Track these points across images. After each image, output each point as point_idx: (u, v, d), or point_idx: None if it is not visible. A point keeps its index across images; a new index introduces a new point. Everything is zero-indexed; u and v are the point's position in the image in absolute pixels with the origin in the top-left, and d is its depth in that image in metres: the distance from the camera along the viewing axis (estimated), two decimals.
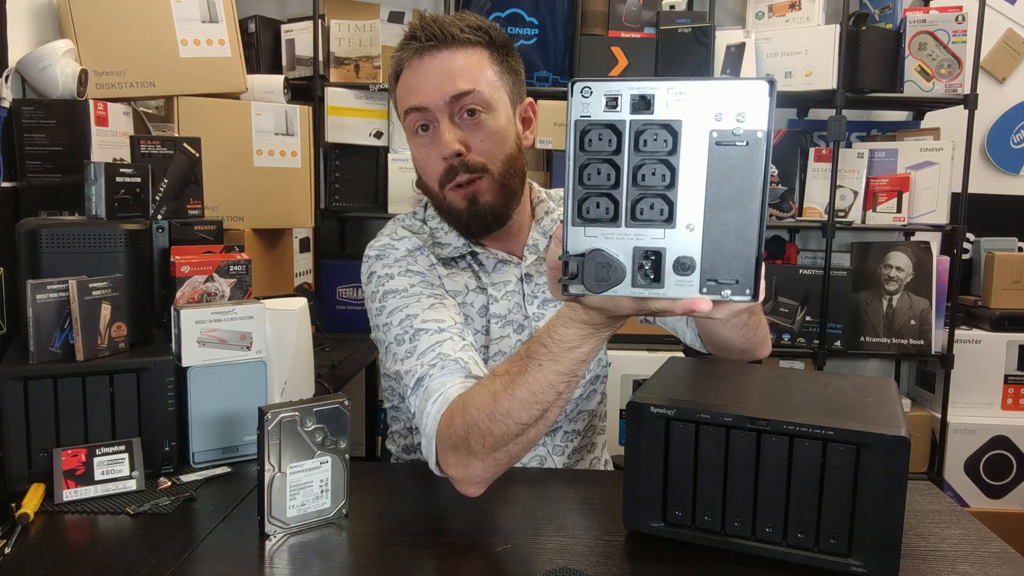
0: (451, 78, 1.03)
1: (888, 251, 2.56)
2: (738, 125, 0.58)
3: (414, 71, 1.05)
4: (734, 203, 0.59)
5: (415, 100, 1.05)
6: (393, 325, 1.05)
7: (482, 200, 1.07)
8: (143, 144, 1.30)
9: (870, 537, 0.76)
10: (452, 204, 1.09)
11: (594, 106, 0.60)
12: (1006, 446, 2.54)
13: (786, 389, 0.91)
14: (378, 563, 0.82)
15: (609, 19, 2.47)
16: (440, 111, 1.04)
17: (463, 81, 1.03)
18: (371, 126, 2.52)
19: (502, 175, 1.07)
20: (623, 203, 0.61)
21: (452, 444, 0.90)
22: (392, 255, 1.12)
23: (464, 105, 1.04)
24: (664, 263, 0.61)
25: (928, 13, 2.47)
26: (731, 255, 0.60)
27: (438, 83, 1.03)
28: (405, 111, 1.08)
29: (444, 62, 1.03)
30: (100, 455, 0.98)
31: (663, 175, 0.60)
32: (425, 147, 1.08)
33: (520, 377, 0.83)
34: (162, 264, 1.23)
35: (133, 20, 1.73)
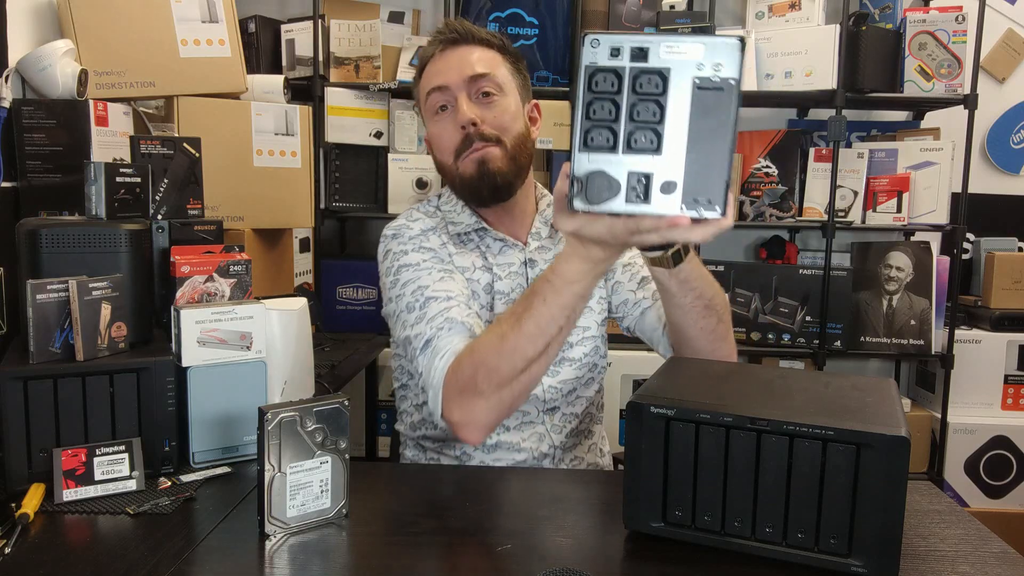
0: (470, 64, 1.18)
1: (888, 251, 2.56)
2: (715, 73, 0.71)
3: (437, 60, 1.20)
4: (710, 137, 0.71)
5: (437, 81, 1.19)
6: (405, 295, 1.14)
7: (492, 165, 1.16)
8: (143, 144, 1.30)
9: (870, 537, 0.76)
10: (464, 172, 1.18)
11: (600, 55, 0.72)
12: (1006, 446, 2.54)
13: (786, 389, 0.91)
14: (378, 563, 0.82)
15: (609, 19, 2.47)
16: (459, 89, 1.17)
17: (480, 66, 1.18)
18: (371, 126, 2.52)
19: (512, 148, 1.19)
20: (620, 134, 0.72)
21: (459, 388, 1.00)
22: (407, 234, 1.21)
23: (480, 87, 1.17)
24: (652, 184, 0.73)
25: (928, 13, 2.47)
26: (706, 180, 0.72)
27: (458, 67, 1.18)
28: (428, 92, 1.21)
29: (464, 53, 1.19)
30: (100, 455, 0.98)
31: (654, 112, 0.72)
32: (443, 123, 1.20)
33: (526, 313, 0.94)
34: (162, 264, 1.23)
35: (133, 20, 1.73)
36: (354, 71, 2.48)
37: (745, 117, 2.82)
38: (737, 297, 2.54)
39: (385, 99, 2.53)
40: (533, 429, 1.24)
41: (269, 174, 1.92)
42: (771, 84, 2.50)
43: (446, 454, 1.25)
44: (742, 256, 2.89)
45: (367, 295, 2.55)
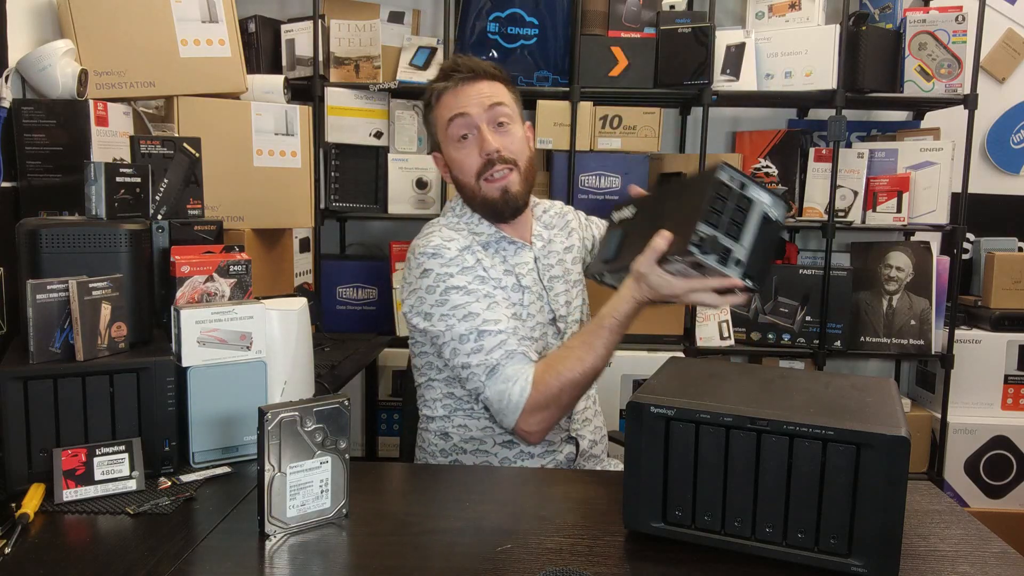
0: (487, 95, 1.34)
1: (888, 251, 2.56)
2: (775, 214, 1.15)
3: (456, 93, 1.34)
4: (764, 245, 1.14)
5: (460, 109, 1.33)
6: (456, 324, 1.27)
7: (512, 190, 1.35)
8: (143, 144, 1.30)
9: (870, 537, 0.76)
10: (487, 194, 1.35)
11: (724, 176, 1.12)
12: (1006, 446, 2.54)
13: (786, 389, 0.91)
14: (378, 563, 0.82)
15: (609, 19, 2.47)
16: (480, 118, 1.33)
17: (496, 97, 1.35)
18: (371, 126, 2.52)
19: (526, 171, 1.38)
20: (722, 223, 1.11)
21: (544, 403, 1.23)
22: (446, 255, 1.30)
23: (496, 115, 1.34)
24: (730, 256, 1.11)
25: (928, 13, 2.47)
26: (757, 267, 1.13)
27: (477, 98, 1.34)
28: (449, 119, 1.34)
29: (479, 87, 1.35)
30: (100, 455, 0.98)
31: (741, 218, 1.12)
32: (466, 149, 1.35)
33: (598, 341, 1.23)
34: (162, 264, 1.23)
35: (133, 20, 1.73)
36: (354, 71, 2.48)
37: (745, 117, 2.82)
38: None
39: (385, 99, 2.53)
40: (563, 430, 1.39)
41: (269, 174, 1.92)
42: (771, 84, 2.50)
43: (466, 450, 1.35)
44: None
45: (367, 295, 2.55)
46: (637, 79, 2.45)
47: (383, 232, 2.85)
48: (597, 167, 2.48)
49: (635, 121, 2.47)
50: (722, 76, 2.48)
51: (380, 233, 2.85)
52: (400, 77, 2.49)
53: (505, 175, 1.34)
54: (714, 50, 2.41)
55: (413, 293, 1.32)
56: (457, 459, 1.35)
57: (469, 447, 1.34)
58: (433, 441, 1.38)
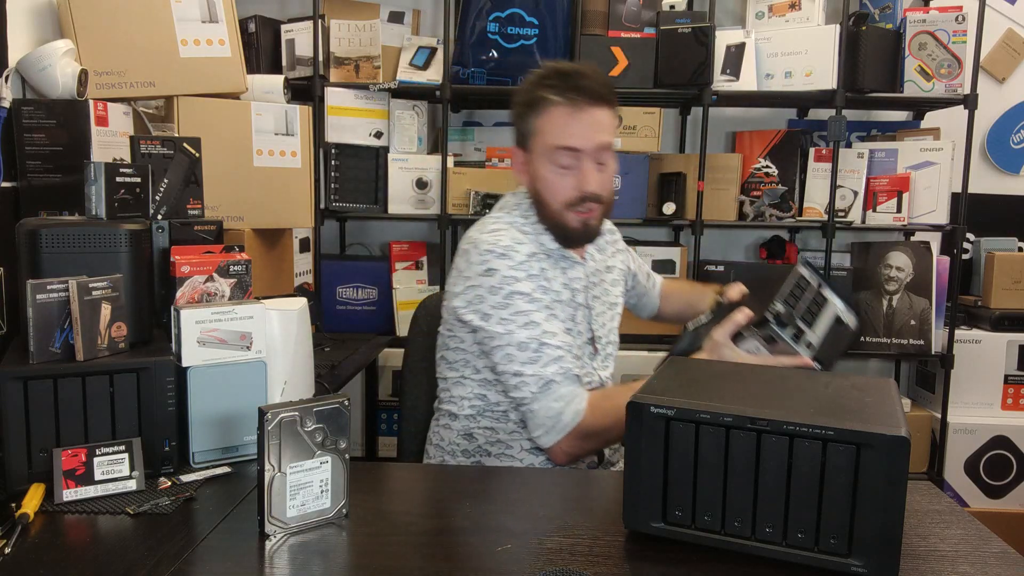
0: (601, 131, 1.30)
1: (888, 251, 2.56)
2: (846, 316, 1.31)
3: (572, 118, 1.29)
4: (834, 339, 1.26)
5: (573, 143, 1.29)
6: (517, 329, 1.25)
7: (593, 224, 1.35)
8: (143, 144, 1.30)
9: (870, 537, 0.76)
10: (568, 222, 1.33)
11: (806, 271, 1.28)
12: (1006, 446, 2.54)
13: (786, 389, 0.91)
14: (378, 563, 0.82)
15: (609, 19, 2.47)
16: (588, 157, 1.30)
17: (607, 135, 1.31)
18: (371, 126, 2.52)
19: (607, 205, 1.37)
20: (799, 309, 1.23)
21: (592, 433, 1.23)
22: (515, 257, 1.29)
23: (602, 156, 1.32)
24: (802, 338, 1.22)
25: (928, 13, 2.47)
26: (825, 353, 1.24)
27: (592, 134, 1.29)
28: (557, 146, 1.30)
29: (597, 116, 1.30)
30: (100, 455, 0.98)
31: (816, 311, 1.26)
32: (563, 177, 1.31)
33: None
34: (162, 264, 1.23)
35: (133, 20, 1.73)
36: (354, 71, 2.48)
37: (745, 117, 2.82)
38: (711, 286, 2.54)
39: (385, 99, 2.53)
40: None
41: (269, 174, 1.92)
42: (771, 84, 2.50)
43: (491, 452, 1.35)
44: (742, 256, 2.89)
45: (367, 295, 2.55)
46: (637, 79, 2.45)
47: (383, 232, 2.85)
48: None
49: (635, 121, 2.47)
50: (722, 76, 2.48)
51: (380, 233, 2.85)
52: (400, 77, 2.49)
53: (591, 210, 1.33)
54: (714, 50, 2.41)
55: (472, 289, 1.28)
56: (480, 460, 1.33)
57: (495, 450, 1.33)
58: (455, 440, 1.36)
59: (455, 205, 2.52)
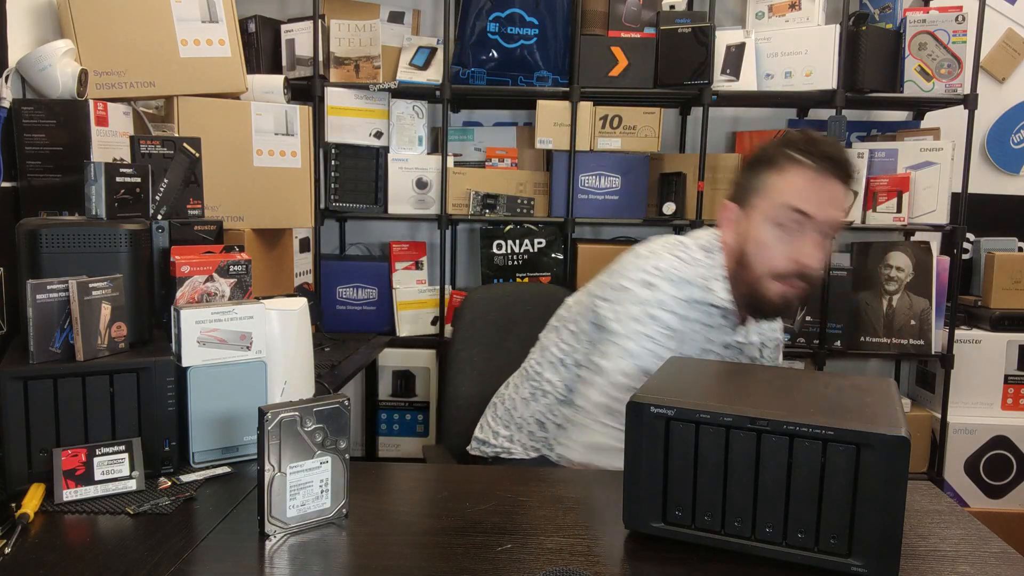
0: (840, 207, 1.23)
1: (888, 251, 2.56)
2: None
3: (818, 185, 1.22)
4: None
5: (809, 208, 1.21)
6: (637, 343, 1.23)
7: (792, 301, 1.26)
8: (143, 144, 1.30)
9: (870, 537, 0.76)
10: (767, 291, 1.25)
11: None
12: (1006, 446, 2.54)
13: (786, 389, 0.91)
14: (378, 563, 0.82)
15: (609, 19, 2.47)
16: (821, 229, 1.22)
17: (843, 214, 1.24)
18: (371, 126, 2.52)
19: (813, 288, 1.29)
20: None
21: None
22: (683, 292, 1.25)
23: (832, 232, 1.24)
24: None
25: (928, 13, 2.47)
26: None
27: (832, 209, 1.22)
28: (790, 207, 1.22)
29: (840, 194, 1.23)
30: (100, 455, 0.98)
31: None
32: (785, 244, 1.23)
33: None
34: (162, 264, 1.23)
35: (133, 20, 1.73)
36: (354, 71, 2.48)
37: (745, 117, 2.82)
38: None
39: (385, 99, 2.53)
40: None
41: (269, 174, 1.92)
42: (771, 84, 2.50)
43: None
44: None
45: (367, 295, 2.55)
46: (637, 79, 2.45)
47: (383, 232, 2.85)
48: (597, 167, 2.48)
49: (635, 121, 2.47)
50: (722, 76, 2.48)
51: (380, 233, 2.85)
52: (400, 77, 2.49)
53: (796, 286, 1.24)
54: (714, 50, 2.41)
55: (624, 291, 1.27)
56: (543, 453, 1.35)
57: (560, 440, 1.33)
58: (526, 419, 1.38)
59: (455, 205, 2.52)
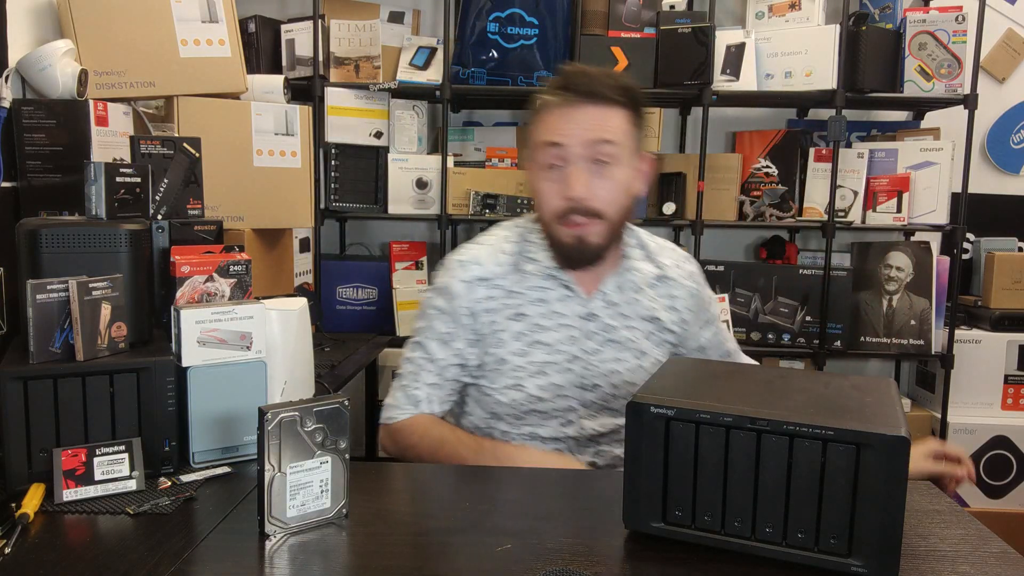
0: (592, 127, 1.16)
1: (888, 251, 2.56)
2: None
3: (561, 115, 1.18)
4: None
5: (556, 137, 1.18)
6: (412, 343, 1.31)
7: (591, 241, 1.20)
8: (143, 144, 1.30)
9: (870, 537, 0.76)
10: (560, 237, 1.22)
11: None
12: (1006, 446, 2.54)
13: (786, 389, 0.91)
14: (378, 563, 0.82)
15: (609, 19, 2.47)
16: (576, 154, 1.17)
17: (603, 132, 1.17)
18: (371, 126, 2.52)
19: (613, 223, 1.21)
20: None
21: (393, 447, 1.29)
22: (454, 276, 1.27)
23: (597, 153, 1.17)
24: None
25: (928, 13, 2.47)
26: None
27: (580, 129, 1.16)
28: (543, 143, 1.19)
29: (590, 114, 1.17)
30: (100, 455, 0.98)
31: None
32: (551, 183, 1.20)
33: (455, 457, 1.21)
34: (162, 264, 1.23)
35: (133, 20, 1.73)
36: (354, 71, 2.48)
37: (745, 117, 2.82)
38: (737, 297, 2.54)
39: (385, 99, 2.53)
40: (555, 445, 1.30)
41: (269, 174, 1.92)
42: (771, 84, 2.50)
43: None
44: (742, 256, 2.89)
45: (367, 295, 2.55)
46: (637, 79, 2.44)
47: (383, 232, 2.85)
48: None
49: None
50: (722, 76, 2.48)
51: (380, 233, 2.85)
52: (400, 77, 2.49)
53: (583, 224, 1.19)
54: (714, 50, 2.41)
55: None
56: None
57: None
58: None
59: (455, 205, 2.52)
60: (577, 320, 1.27)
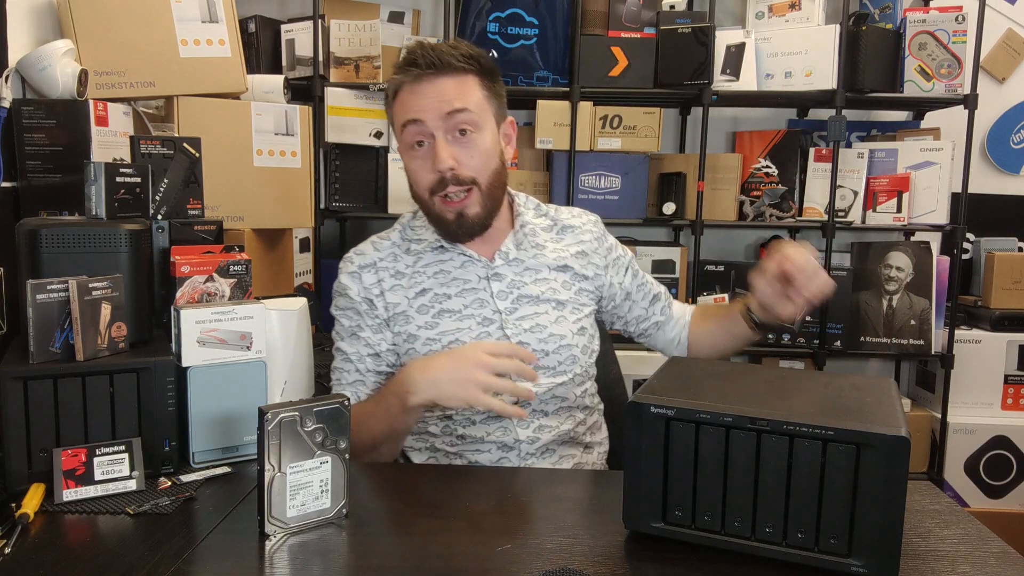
0: (447, 98, 1.17)
1: (888, 251, 2.56)
2: None
3: (413, 91, 1.19)
4: None
5: (413, 114, 1.18)
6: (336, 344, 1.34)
7: (470, 213, 1.21)
8: (143, 144, 1.30)
9: (870, 537, 0.76)
10: (441, 214, 1.22)
11: None
12: (1006, 446, 2.54)
13: (786, 389, 0.91)
14: (378, 563, 0.82)
15: (609, 19, 2.47)
16: (436, 127, 1.18)
17: (457, 101, 1.17)
18: (371, 126, 2.52)
19: (488, 188, 1.22)
20: None
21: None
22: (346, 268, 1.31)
23: (457, 123, 1.18)
24: None
25: (928, 13, 2.47)
26: None
27: (435, 102, 1.17)
28: (403, 124, 1.20)
29: (441, 86, 1.18)
30: (100, 455, 0.98)
31: None
32: (419, 160, 1.21)
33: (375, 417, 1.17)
34: (162, 264, 1.23)
35: (133, 20, 1.73)
36: (354, 71, 2.48)
37: (745, 117, 2.82)
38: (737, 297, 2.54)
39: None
40: (499, 423, 1.24)
41: (269, 174, 1.92)
42: (771, 84, 2.50)
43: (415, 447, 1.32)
44: (742, 256, 2.89)
45: None
46: (637, 79, 2.45)
47: None
48: (597, 167, 2.48)
49: (635, 121, 2.47)
50: (722, 76, 2.48)
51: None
52: None
53: (462, 198, 1.20)
54: (714, 50, 2.41)
55: None
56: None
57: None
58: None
59: None
60: (482, 282, 1.27)
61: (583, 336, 1.31)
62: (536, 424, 1.26)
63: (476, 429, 1.24)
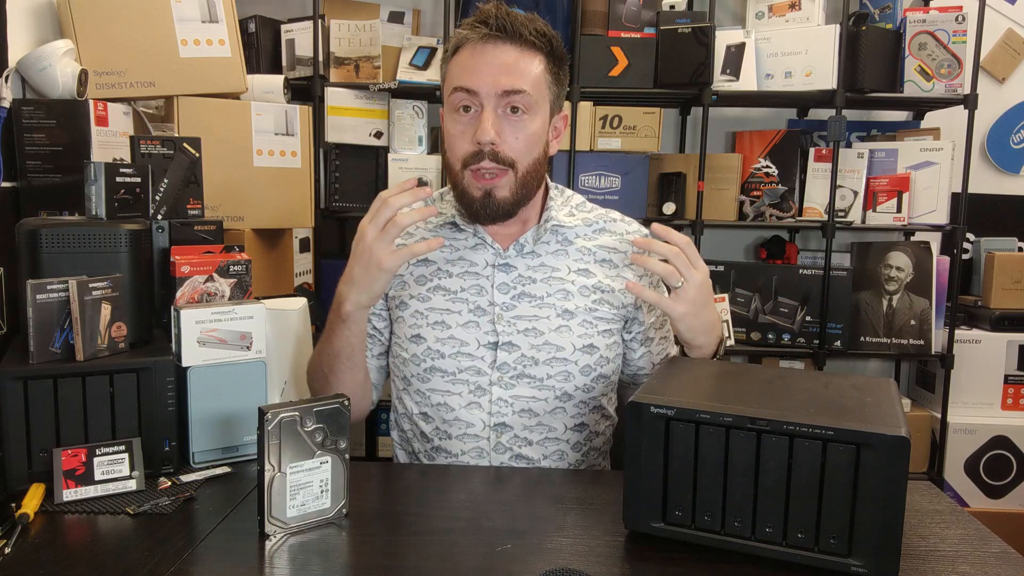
0: (508, 73, 1.09)
1: (888, 251, 2.56)
2: None
3: (475, 53, 1.11)
4: None
5: (468, 82, 1.11)
6: None
7: (498, 195, 1.13)
8: (143, 144, 1.29)
9: (870, 537, 0.76)
10: (468, 188, 1.14)
11: None
12: (1006, 446, 2.54)
13: (786, 389, 0.91)
14: (378, 563, 0.82)
15: (609, 19, 2.47)
16: (488, 99, 1.10)
17: (518, 80, 1.10)
18: (371, 126, 2.52)
19: (524, 175, 1.14)
20: None
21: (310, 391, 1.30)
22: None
23: (511, 102, 1.10)
24: None
25: (928, 13, 2.47)
26: None
27: (495, 73, 1.09)
28: (454, 88, 1.13)
29: (504, 54, 1.10)
30: (100, 455, 0.98)
31: None
32: (461, 126, 1.13)
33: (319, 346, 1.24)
34: (162, 264, 1.23)
35: (133, 20, 1.73)
36: (354, 71, 2.48)
37: (745, 117, 2.82)
38: (737, 297, 2.54)
39: (385, 99, 2.53)
40: (475, 443, 1.20)
41: (269, 174, 1.91)
42: (771, 84, 2.50)
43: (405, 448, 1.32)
44: (742, 256, 2.89)
45: None
46: (637, 79, 2.45)
47: None
48: (597, 167, 2.48)
49: (635, 121, 2.47)
50: (722, 76, 2.48)
51: None
52: (400, 77, 2.49)
53: (494, 176, 1.12)
54: (714, 50, 2.41)
55: None
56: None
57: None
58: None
59: None
60: (487, 269, 1.20)
61: (590, 355, 1.18)
62: (513, 453, 1.19)
63: (451, 443, 1.21)
